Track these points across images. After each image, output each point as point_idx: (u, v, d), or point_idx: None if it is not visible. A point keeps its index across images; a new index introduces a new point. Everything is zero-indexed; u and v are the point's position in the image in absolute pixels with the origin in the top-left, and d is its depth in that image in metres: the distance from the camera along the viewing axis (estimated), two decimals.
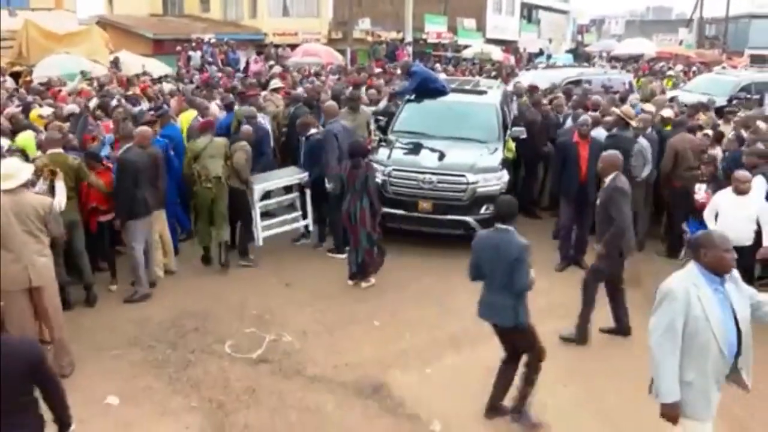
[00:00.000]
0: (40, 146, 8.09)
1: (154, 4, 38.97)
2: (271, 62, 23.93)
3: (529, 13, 50.53)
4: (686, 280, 4.04)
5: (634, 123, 9.63)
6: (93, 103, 11.31)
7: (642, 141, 9.47)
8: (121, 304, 7.92)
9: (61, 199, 6.91)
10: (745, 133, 9.77)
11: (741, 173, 7.51)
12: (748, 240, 7.27)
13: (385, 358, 6.74)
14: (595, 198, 7.50)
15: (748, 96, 16.55)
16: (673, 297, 3.97)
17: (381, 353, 6.84)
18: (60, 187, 7.00)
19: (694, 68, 27.76)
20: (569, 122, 11.21)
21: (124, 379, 6.31)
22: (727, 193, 7.60)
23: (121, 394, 6.04)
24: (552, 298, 7.87)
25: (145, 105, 12.10)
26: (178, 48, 26.78)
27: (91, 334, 7.08)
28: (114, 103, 11.01)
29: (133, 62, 21.41)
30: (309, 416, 5.76)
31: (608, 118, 10.41)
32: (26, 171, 6.34)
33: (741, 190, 7.41)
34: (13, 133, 8.89)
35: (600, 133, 9.94)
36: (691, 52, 37.59)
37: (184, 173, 8.99)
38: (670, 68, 26.72)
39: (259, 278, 8.77)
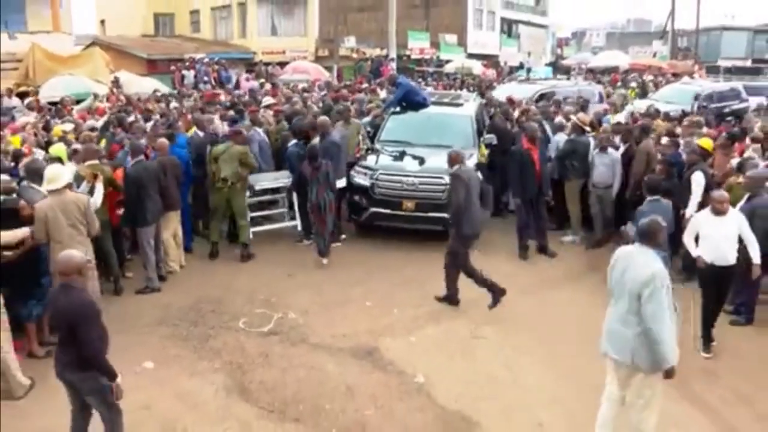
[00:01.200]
0: (71, 157, 9.24)
1: (146, 26, 40.18)
2: (262, 80, 25.15)
3: (509, 28, 52.10)
4: (658, 261, 5.08)
5: (587, 129, 10.91)
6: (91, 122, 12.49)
7: (613, 153, 10.62)
8: (146, 293, 9.09)
9: (98, 198, 8.08)
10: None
11: (717, 193, 7.47)
12: (732, 259, 7.29)
13: (376, 329, 7.96)
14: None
15: (705, 105, 17.88)
16: (663, 278, 5.02)
17: (372, 326, 8.06)
18: (99, 188, 8.17)
19: (661, 79, 29.19)
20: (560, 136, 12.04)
21: (156, 349, 7.48)
22: (705, 214, 7.49)
23: (155, 360, 7.21)
24: (517, 280, 9.19)
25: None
26: (172, 67, 27.88)
27: (121, 317, 8.18)
28: (131, 118, 12.20)
29: (131, 81, 22.64)
30: (314, 373, 6.96)
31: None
32: (67, 174, 7.58)
33: (719, 210, 7.27)
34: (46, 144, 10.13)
35: (561, 137, 11.27)
36: (664, 63, 39.15)
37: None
38: (637, 79, 28.07)
39: (264, 270, 9.97)
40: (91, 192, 8.09)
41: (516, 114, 13.61)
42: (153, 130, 10.82)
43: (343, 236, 10.97)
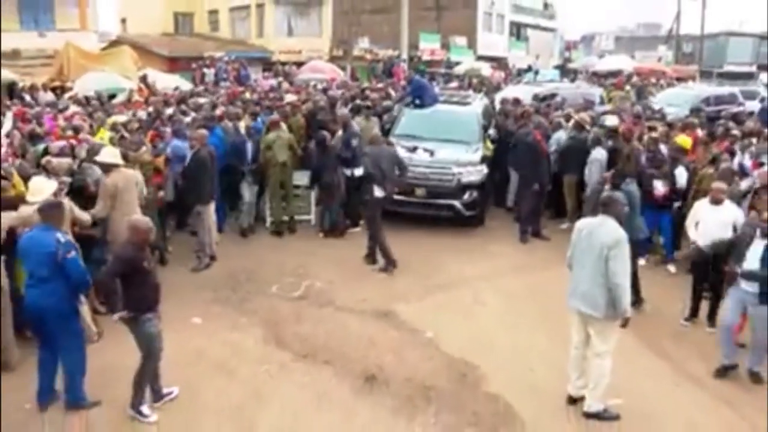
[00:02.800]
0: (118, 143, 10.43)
1: (166, 24, 41.48)
2: (280, 79, 26.40)
3: (518, 31, 53.28)
4: (620, 229, 6.21)
5: (587, 127, 12.08)
6: (141, 113, 13.76)
7: (599, 151, 11.49)
8: (185, 264, 10.27)
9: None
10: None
11: (717, 185, 8.32)
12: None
13: (391, 296, 9.15)
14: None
15: (700, 108, 18.92)
16: (625, 243, 6.18)
17: (388, 294, 9.26)
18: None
19: (663, 83, 30.28)
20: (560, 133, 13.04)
21: (201, 309, 8.68)
22: (705, 203, 8.31)
23: (202, 317, 8.43)
24: (514, 260, 10.42)
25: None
26: (194, 65, 29.19)
27: (168, 284, 9.33)
28: (170, 111, 13.46)
29: (156, 78, 23.92)
30: (340, 329, 8.18)
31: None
32: (117, 156, 8.78)
33: (717, 199, 8.10)
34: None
35: (560, 135, 12.46)
36: (669, 68, 40.18)
37: (260, 161, 11.66)
38: (637, 84, 29.05)
39: (291, 248, 11.18)
40: None
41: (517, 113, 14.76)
42: (195, 123, 12.06)
43: (362, 221, 12.15)
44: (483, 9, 47.42)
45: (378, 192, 10.23)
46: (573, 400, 6.55)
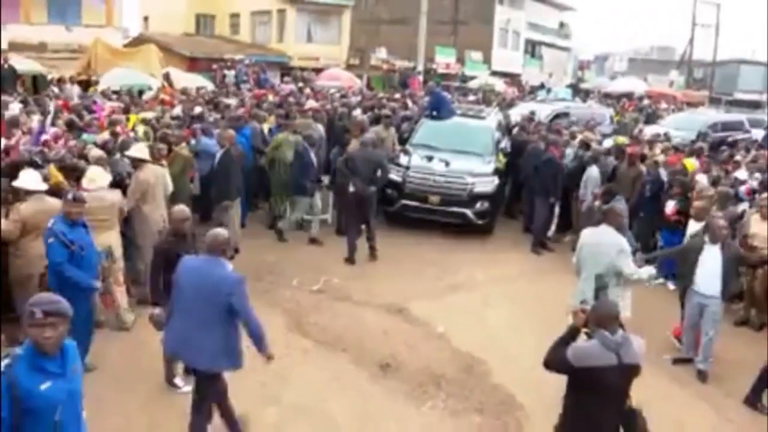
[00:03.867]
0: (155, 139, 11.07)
1: (188, 24, 42.20)
2: (300, 84, 27.08)
3: (532, 49, 54.00)
4: (621, 237, 6.91)
5: (593, 145, 12.70)
6: (177, 110, 14.43)
7: (594, 169, 12.04)
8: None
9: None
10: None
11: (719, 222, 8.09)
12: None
13: (406, 295, 9.71)
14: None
15: (706, 133, 19.53)
16: (626, 245, 6.84)
17: (403, 292, 9.83)
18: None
19: (674, 107, 30.92)
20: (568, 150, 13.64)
21: None
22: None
23: None
24: (522, 267, 11.04)
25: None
26: (214, 66, 29.89)
27: None
28: (198, 110, 14.13)
29: (179, 77, 24.65)
30: (357, 321, 8.78)
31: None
32: (146, 152, 9.38)
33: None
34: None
35: (569, 152, 13.09)
36: (679, 92, 40.80)
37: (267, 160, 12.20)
38: (646, 107, 29.68)
39: (309, 247, 11.78)
40: None
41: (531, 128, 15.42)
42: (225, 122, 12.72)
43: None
44: (499, 25, 48.20)
45: (351, 187, 11.02)
46: None
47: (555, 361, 4.78)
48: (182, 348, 5.71)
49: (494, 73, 43.50)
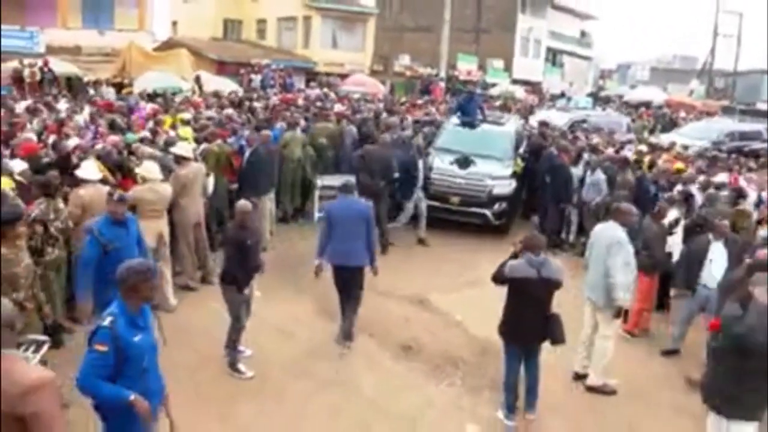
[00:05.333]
0: (197, 139, 11.84)
1: (215, 29, 43.17)
2: (325, 89, 27.89)
3: (553, 57, 54.53)
4: (622, 232, 7.51)
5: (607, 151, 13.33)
6: (211, 112, 15.26)
7: (598, 174, 12.66)
8: None
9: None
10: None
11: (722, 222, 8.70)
12: None
13: (427, 287, 10.42)
14: None
15: (720, 141, 20.05)
16: (624, 243, 7.45)
17: (424, 285, 10.53)
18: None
19: (690, 116, 31.36)
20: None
21: (260, 284, 9.74)
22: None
23: (262, 291, 9.71)
24: None
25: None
26: (242, 71, 30.74)
27: None
28: (228, 111, 14.96)
29: (209, 80, 25.53)
30: (381, 309, 9.47)
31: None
32: (190, 151, 10.14)
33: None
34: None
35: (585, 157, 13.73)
36: (699, 102, 41.10)
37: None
38: (663, 116, 30.19)
39: None
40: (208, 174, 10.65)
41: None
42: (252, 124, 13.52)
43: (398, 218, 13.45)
44: (521, 34, 48.84)
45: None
46: (578, 376, 7.78)
47: (497, 274, 6.85)
48: (342, 256, 8.35)
49: (515, 81, 44.09)
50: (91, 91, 21.68)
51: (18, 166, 8.39)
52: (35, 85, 22.13)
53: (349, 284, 8.43)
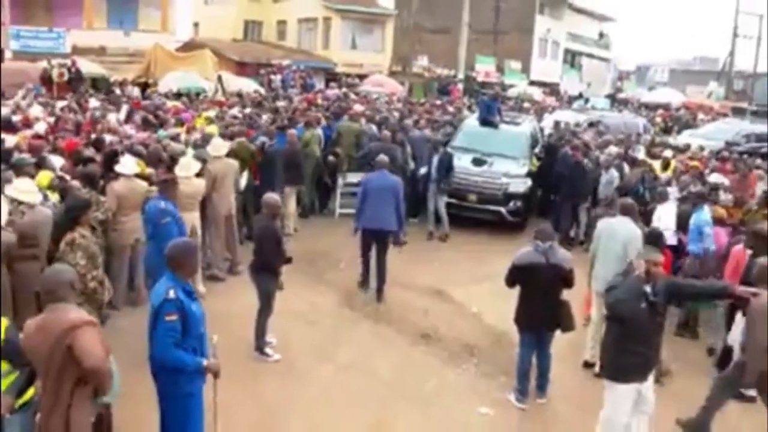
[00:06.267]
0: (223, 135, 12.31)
1: (236, 30, 43.74)
2: (344, 89, 28.35)
3: (572, 59, 54.70)
4: (635, 227, 7.94)
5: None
6: (234, 111, 15.79)
7: (612, 173, 12.99)
8: None
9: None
10: None
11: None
12: None
13: (444, 280, 10.83)
14: None
15: (733, 142, 20.23)
16: (640, 236, 7.82)
17: (442, 278, 10.95)
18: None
19: (708, 117, 31.50)
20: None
21: (284, 276, 10.35)
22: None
23: (287, 283, 10.12)
24: None
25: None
26: (262, 71, 31.25)
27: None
28: (248, 110, 15.51)
29: (231, 81, 26.08)
30: (400, 300, 9.91)
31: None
32: (225, 147, 10.62)
33: None
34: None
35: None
36: (717, 103, 41.15)
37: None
38: (674, 116, 30.33)
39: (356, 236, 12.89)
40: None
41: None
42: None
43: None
44: (539, 35, 49.09)
45: None
46: (588, 365, 8.15)
47: (507, 275, 7.30)
48: (373, 220, 9.78)
49: (533, 83, 44.37)
50: (117, 91, 22.25)
51: (57, 162, 8.91)
52: (63, 84, 22.74)
53: (377, 246, 9.87)
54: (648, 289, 5.76)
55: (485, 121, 15.41)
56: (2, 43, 26.77)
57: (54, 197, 7.88)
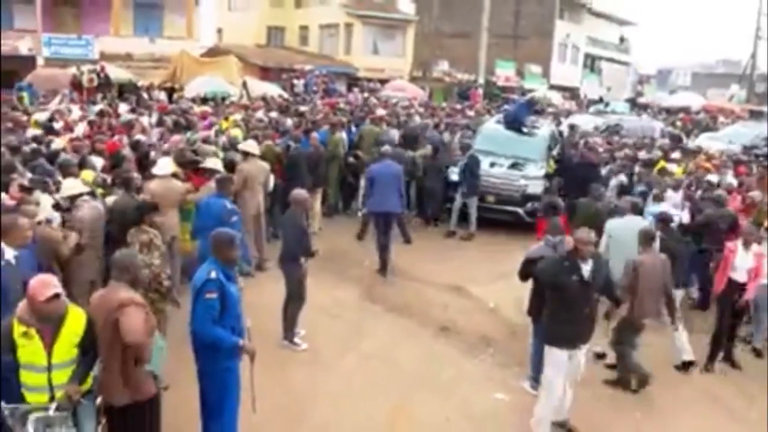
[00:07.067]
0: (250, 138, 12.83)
1: (259, 36, 44.50)
2: (366, 94, 28.85)
3: (591, 63, 54.88)
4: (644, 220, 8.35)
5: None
6: (260, 114, 16.32)
7: (620, 177, 13.27)
8: None
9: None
10: None
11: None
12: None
13: (463, 277, 11.23)
14: None
15: (750, 145, 20.41)
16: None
17: (461, 275, 11.34)
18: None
19: (728, 120, 31.59)
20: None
21: (310, 273, 10.89)
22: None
23: (310, 277, 10.61)
24: None
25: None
26: (284, 76, 31.89)
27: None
28: (273, 114, 16.05)
29: (255, 85, 26.65)
30: (421, 295, 10.36)
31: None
32: (256, 148, 11.13)
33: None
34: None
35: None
36: (738, 106, 41.11)
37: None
38: (694, 120, 30.48)
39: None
40: None
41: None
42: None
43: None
44: (559, 40, 49.38)
45: None
46: (599, 356, 8.52)
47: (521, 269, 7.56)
48: (379, 204, 11.18)
49: (552, 87, 44.60)
50: (145, 95, 22.89)
51: (98, 162, 9.44)
52: (92, 90, 23.41)
53: (383, 227, 11.15)
54: (585, 266, 6.33)
55: (512, 124, 15.74)
56: (36, 50, 27.57)
57: (99, 192, 8.34)
